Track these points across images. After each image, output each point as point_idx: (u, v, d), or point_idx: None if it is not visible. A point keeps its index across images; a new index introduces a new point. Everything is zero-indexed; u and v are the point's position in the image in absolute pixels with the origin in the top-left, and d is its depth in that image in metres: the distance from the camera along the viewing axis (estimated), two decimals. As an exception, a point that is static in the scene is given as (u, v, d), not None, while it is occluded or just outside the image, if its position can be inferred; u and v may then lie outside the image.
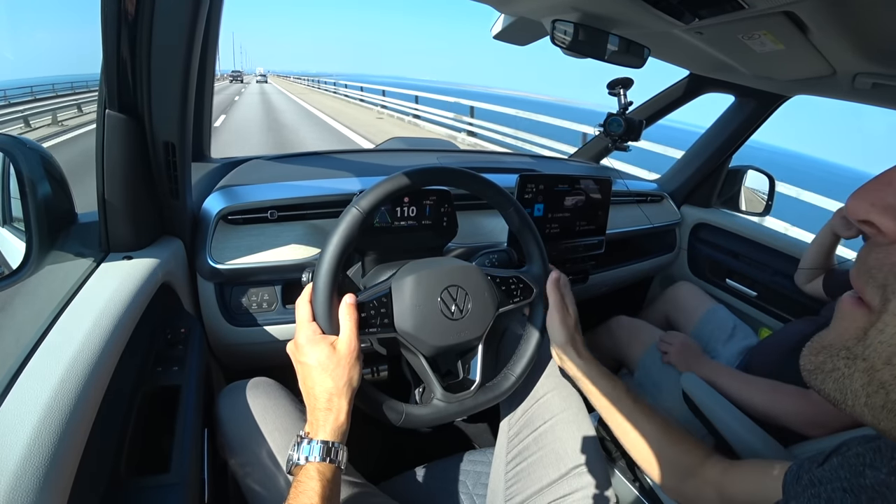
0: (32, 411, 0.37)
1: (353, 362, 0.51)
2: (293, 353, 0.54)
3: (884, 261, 0.21)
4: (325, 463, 0.47)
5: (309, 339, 0.52)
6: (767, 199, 1.38)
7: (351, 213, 0.54)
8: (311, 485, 0.45)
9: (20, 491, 0.32)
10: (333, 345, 0.51)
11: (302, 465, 0.47)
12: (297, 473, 0.47)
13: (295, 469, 0.47)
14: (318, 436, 0.48)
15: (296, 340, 0.53)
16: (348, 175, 0.96)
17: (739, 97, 1.27)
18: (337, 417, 0.49)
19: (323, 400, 0.50)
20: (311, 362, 0.51)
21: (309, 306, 0.54)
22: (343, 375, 0.50)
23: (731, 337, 1.19)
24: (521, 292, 0.67)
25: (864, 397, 0.21)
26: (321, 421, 0.49)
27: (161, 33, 0.54)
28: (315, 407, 0.50)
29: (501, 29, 0.91)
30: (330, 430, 0.49)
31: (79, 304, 0.51)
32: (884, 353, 0.20)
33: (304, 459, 0.47)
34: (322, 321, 0.53)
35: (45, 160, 0.58)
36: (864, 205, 0.22)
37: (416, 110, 11.64)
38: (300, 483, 0.45)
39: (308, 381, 0.51)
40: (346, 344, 0.51)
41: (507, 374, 0.66)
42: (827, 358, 0.23)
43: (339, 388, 0.50)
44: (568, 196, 1.00)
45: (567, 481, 0.64)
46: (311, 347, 0.51)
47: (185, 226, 0.72)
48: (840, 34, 0.60)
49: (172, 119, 0.60)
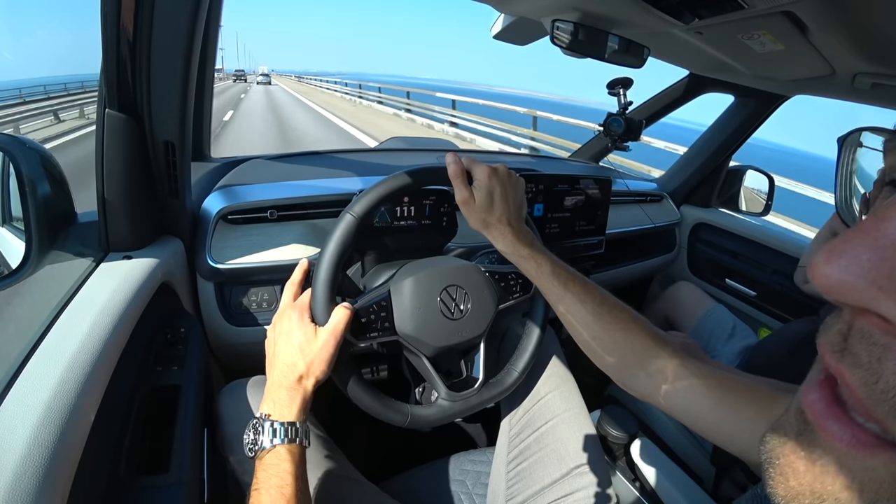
0: (32, 411, 0.37)
1: (329, 355, 0.51)
2: (276, 323, 0.55)
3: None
4: (294, 443, 0.47)
5: (300, 317, 0.53)
6: (767, 199, 1.38)
7: (346, 219, 0.55)
8: (283, 466, 0.45)
9: (20, 491, 0.32)
10: (317, 332, 0.52)
11: (268, 448, 0.46)
12: (262, 457, 0.46)
13: (261, 453, 0.47)
14: (283, 417, 0.48)
15: (287, 311, 0.54)
16: (348, 175, 0.96)
17: (739, 97, 1.27)
18: (304, 398, 0.50)
19: (291, 379, 0.50)
20: (292, 338, 0.52)
21: (296, 288, 0.57)
22: (317, 364, 0.51)
23: (730, 336, 1.19)
24: (520, 287, 0.67)
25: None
26: (286, 400, 0.49)
27: (161, 32, 0.54)
28: (280, 384, 0.50)
29: (501, 29, 0.91)
30: (296, 411, 0.49)
31: (78, 304, 0.51)
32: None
33: (270, 443, 0.46)
34: (320, 323, 0.53)
35: (44, 160, 0.58)
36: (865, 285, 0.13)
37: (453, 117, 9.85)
38: (270, 465, 0.45)
39: (282, 355, 0.52)
40: (331, 332, 0.52)
41: (511, 369, 0.66)
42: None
43: (310, 372, 0.50)
44: (567, 196, 1.00)
45: (568, 481, 0.64)
46: (298, 324, 0.52)
47: (184, 225, 0.72)
48: (840, 34, 0.60)
49: (172, 118, 0.60)
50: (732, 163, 1.43)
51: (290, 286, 0.58)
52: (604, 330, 0.52)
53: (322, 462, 0.60)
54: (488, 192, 0.56)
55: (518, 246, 0.56)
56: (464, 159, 0.59)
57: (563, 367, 0.76)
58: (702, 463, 0.99)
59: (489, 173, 0.57)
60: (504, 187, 0.57)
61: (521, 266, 0.58)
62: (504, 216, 0.57)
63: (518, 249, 0.56)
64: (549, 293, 0.55)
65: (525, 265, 0.57)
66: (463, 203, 0.57)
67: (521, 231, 0.58)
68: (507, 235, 0.57)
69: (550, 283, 0.54)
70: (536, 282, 0.57)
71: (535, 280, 0.57)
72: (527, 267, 0.57)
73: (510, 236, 0.57)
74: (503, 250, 0.58)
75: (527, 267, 0.57)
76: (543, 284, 0.55)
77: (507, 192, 0.57)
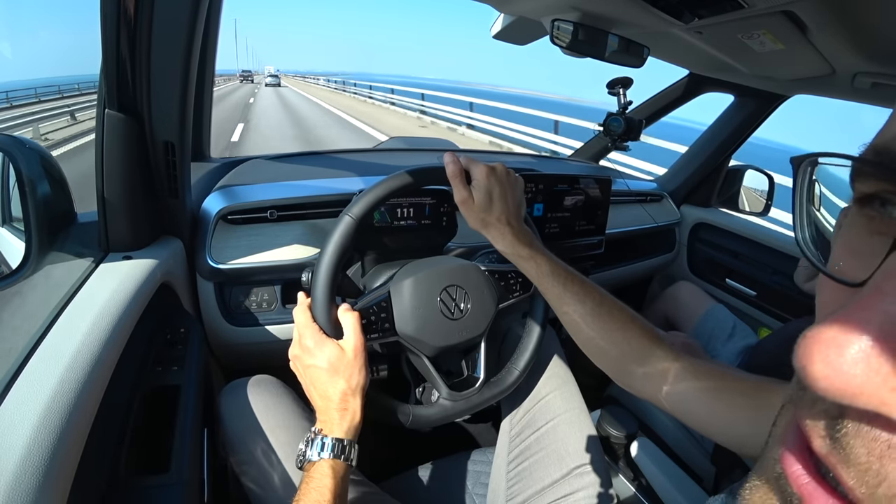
0: (32, 411, 0.37)
1: (362, 364, 0.52)
2: (298, 358, 0.53)
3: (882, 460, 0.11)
4: (339, 460, 0.47)
5: (316, 342, 0.52)
6: (767, 199, 1.38)
7: (344, 221, 0.54)
8: (324, 481, 0.45)
9: (20, 491, 0.32)
10: (341, 346, 0.51)
11: (314, 461, 0.47)
12: (308, 469, 0.47)
13: (307, 465, 0.47)
14: (332, 433, 0.48)
15: (301, 344, 0.53)
16: (348, 174, 0.96)
17: (739, 96, 1.27)
18: (353, 417, 0.50)
19: (337, 400, 0.50)
20: (320, 364, 0.51)
21: (308, 311, 0.54)
22: (355, 375, 0.51)
23: (730, 336, 1.19)
24: (520, 286, 0.67)
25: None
26: (336, 419, 0.49)
27: (161, 32, 0.54)
28: (329, 407, 0.50)
29: (501, 28, 0.91)
30: (346, 429, 0.49)
31: (78, 304, 0.51)
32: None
33: (318, 456, 0.47)
34: (323, 325, 0.53)
35: (44, 160, 0.58)
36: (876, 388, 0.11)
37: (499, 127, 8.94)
38: (312, 479, 0.45)
39: (318, 384, 0.51)
40: (353, 344, 0.52)
41: (511, 368, 0.66)
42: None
43: (353, 387, 0.50)
44: (567, 196, 1.00)
45: (568, 481, 0.64)
46: (319, 349, 0.51)
47: (184, 225, 0.72)
48: (840, 34, 0.60)
49: (172, 118, 0.60)
50: (732, 162, 1.43)
51: (302, 310, 0.55)
52: (603, 329, 0.51)
53: None
54: (487, 191, 0.56)
55: (517, 245, 0.56)
56: (462, 159, 0.58)
57: (563, 368, 0.76)
58: (702, 463, 0.99)
59: (487, 172, 0.56)
60: (502, 186, 0.56)
61: (520, 266, 0.57)
62: (503, 215, 0.56)
63: (517, 249, 0.56)
64: (549, 293, 0.55)
65: (524, 265, 0.56)
66: (461, 202, 0.57)
67: (521, 231, 0.57)
68: (506, 235, 0.56)
69: (550, 283, 0.54)
70: (536, 282, 0.56)
71: (535, 280, 0.56)
72: (526, 267, 0.56)
73: (509, 236, 0.56)
74: (502, 250, 0.57)
75: (526, 267, 0.56)
76: (543, 284, 0.55)
77: (506, 192, 0.57)
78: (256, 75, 61.91)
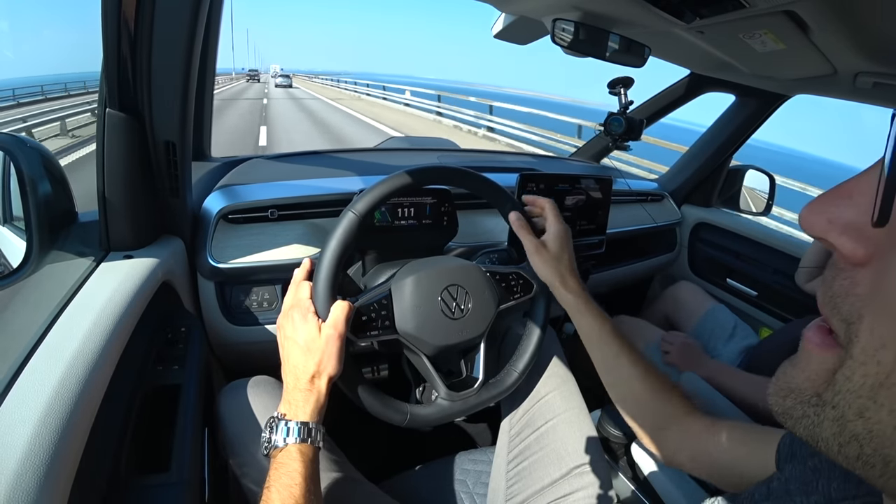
0: (33, 410, 0.37)
1: (335, 351, 0.51)
2: (282, 328, 0.54)
3: (848, 290, 0.18)
4: (306, 444, 0.47)
5: (302, 316, 0.52)
6: (768, 199, 1.38)
7: (348, 217, 0.55)
8: (293, 465, 0.45)
9: (21, 490, 0.32)
10: (322, 328, 0.52)
11: (281, 447, 0.46)
12: (275, 456, 0.47)
13: (274, 451, 0.47)
14: (297, 417, 0.48)
15: (288, 313, 0.53)
16: (348, 174, 0.96)
17: (740, 96, 1.27)
18: (318, 399, 0.50)
19: (304, 381, 0.50)
20: (298, 340, 0.51)
21: (309, 288, 0.54)
22: (326, 361, 0.50)
23: (731, 336, 1.19)
24: (521, 288, 0.67)
25: (837, 447, 0.18)
26: (301, 401, 0.49)
27: (161, 32, 0.54)
28: (295, 387, 0.50)
29: (502, 28, 0.91)
30: (310, 411, 0.49)
31: (79, 303, 0.51)
32: (854, 404, 0.17)
33: (283, 441, 0.47)
34: (319, 306, 0.53)
35: (45, 159, 0.58)
36: (821, 221, 0.19)
37: None
38: (281, 465, 0.45)
39: (292, 358, 0.51)
40: (331, 330, 0.51)
41: (510, 370, 0.66)
42: (795, 403, 0.20)
43: (320, 371, 0.50)
44: (568, 195, 1.00)
45: (568, 481, 0.64)
46: (302, 324, 0.52)
47: (185, 225, 0.72)
48: (841, 33, 0.59)
49: (173, 118, 0.60)
50: (733, 162, 1.43)
51: (292, 286, 0.57)
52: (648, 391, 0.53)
53: (322, 462, 0.60)
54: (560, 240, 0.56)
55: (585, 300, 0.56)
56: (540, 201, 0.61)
57: (563, 367, 0.76)
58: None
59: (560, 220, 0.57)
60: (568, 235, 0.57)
61: (578, 320, 0.57)
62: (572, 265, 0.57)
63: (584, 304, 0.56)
64: (604, 352, 0.55)
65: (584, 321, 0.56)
66: (535, 252, 0.57)
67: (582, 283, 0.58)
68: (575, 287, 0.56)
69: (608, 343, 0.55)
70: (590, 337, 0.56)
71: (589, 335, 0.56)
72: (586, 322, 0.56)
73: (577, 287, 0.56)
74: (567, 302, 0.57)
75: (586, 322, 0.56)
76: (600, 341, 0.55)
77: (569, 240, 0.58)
78: (262, 75, 59.55)
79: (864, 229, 0.17)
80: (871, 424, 0.17)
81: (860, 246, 0.17)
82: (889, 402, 0.16)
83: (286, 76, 33.97)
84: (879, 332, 0.17)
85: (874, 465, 0.17)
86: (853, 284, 0.18)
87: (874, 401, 0.17)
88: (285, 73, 37.07)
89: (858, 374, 0.17)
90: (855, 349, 0.17)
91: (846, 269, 0.18)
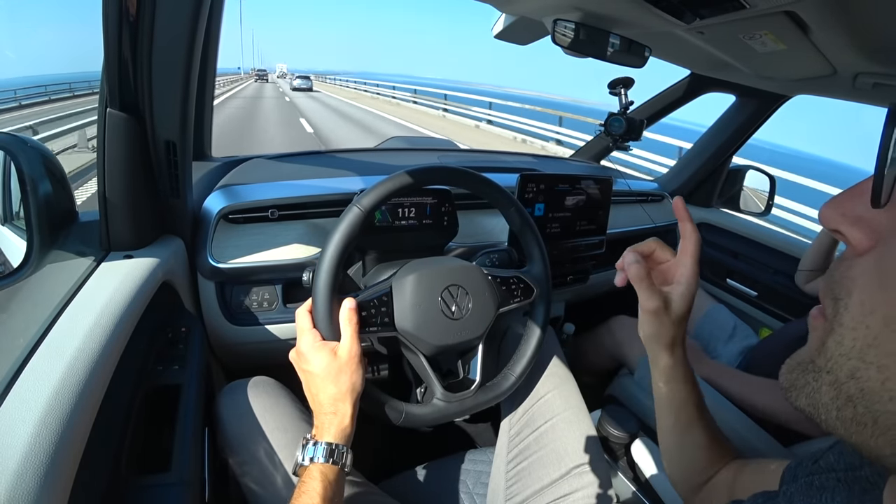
0: (33, 410, 0.37)
1: (354, 367, 0.52)
2: (296, 362, 0.54)
3: (844, 274, 0.21)
4: (328, 464, 0.47)
5: (311, 347, 0.52)
6: (768, 199, 1.38)
7: (352, 212, 0.55)
8: (312, 485, 0.45)
9: (21, 489, 0.32)
10: (335, 351, 0.52)
11: (306, 465, 0.47)
12: (301, 474, 0.47)
13: (300, 470, 0.48)
14: (323, 438, 0.49)
15: (298, 349, 0.54)
16: (349, 174, 0.96)
17: (740, 97, 1.27)
18: (341, 421, 0.50)
19: (328, 405, 0.51)
20: (314, 370, 0.51)
21: (309, 315, 0.54)
22: (346, 381, 0.51)
23: (731, 337, 1.19)
24: (521, 292, 0.67)
25: (835, 410, 0.20)
26: (326, 424, 0.50)
27: (162, 32, 0.54)
28: (320, 412, 0.51)
29: (502, 28, 0.91)
30: (335, 433, 0.49)
31: (79, 303, 0.51)
32: (845, 366, 0.20)
33: (308, 461, 0.47)
34: (323, 327, 0.53)
35: (45, 159, 0.58)
36: (835, 215, 0.22)
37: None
38: (303, 483, 0.46)
39: (312, 387, 0.52)
40: (347, 350, 0.52)
41: (508, 373, 0.66)
42: (800, 374, 0.23)
43: (343, 392, 0.51)
44: (569, 196, 1.00)
45: (568, 481, 0.64)
46: (313, 355, 0.52)
47: (185, 225, 0.72)
48: (841, 34, 0.59)
49: (173, 118, 0.60)
50: (734, 162, 1.43)
51: (303, 313, 0.55)
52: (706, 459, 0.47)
53: None
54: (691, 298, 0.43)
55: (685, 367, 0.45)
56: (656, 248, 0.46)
57: (563, 367, 0.76)
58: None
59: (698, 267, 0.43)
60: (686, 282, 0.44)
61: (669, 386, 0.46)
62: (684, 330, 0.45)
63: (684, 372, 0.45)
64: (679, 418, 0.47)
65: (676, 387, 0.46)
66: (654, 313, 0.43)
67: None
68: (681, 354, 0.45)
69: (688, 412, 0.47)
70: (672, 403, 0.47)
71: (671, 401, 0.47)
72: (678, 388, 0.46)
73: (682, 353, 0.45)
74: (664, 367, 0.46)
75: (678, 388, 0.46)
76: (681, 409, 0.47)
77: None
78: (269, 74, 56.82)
79: (871, 221, 0.20)
80: (862, 383, 0.19)
81: (866, 236, 0.20)
82: (877, 360, 0.19)
83: (305, 77, 27.79)
84: (870, 302, 0.20)
85: (866, 423, 0.19)
86: (849, 268, 0.21)
87: (863, 360, 0.19)
88: (304, 75, 30.20)
89: (849, 339, 0.20)
90: (845, 318, 0.20)
91: (848, 258, 0.21)
